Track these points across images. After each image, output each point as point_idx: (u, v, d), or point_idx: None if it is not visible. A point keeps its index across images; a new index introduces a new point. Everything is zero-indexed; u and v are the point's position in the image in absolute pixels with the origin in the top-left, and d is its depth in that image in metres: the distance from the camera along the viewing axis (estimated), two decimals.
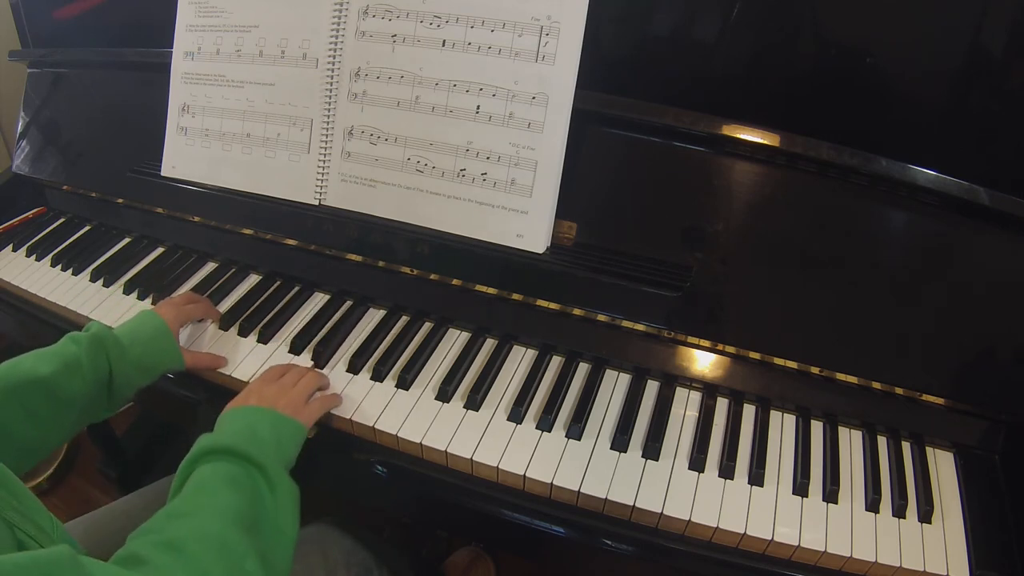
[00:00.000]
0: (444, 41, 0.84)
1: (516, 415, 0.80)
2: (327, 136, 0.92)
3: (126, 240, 1.13)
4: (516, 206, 0.84)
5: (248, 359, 0.88)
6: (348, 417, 0.80)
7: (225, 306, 0.97)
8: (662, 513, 0.71)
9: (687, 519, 0.71)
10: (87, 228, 1.17)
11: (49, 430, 0.71)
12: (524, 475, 0.74)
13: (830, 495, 0.73)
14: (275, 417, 0.71)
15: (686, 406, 0.83)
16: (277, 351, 0.89)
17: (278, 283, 1.00)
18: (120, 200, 1.13)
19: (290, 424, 0.72)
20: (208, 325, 0.94)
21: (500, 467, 0.75)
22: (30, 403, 0.69)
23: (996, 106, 0.79)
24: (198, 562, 0.54)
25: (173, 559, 0.53)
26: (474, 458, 0.75)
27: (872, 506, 0.73)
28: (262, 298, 0.97)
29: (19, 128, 1.23)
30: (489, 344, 0.90)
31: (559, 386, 0.83)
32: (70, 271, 1.06)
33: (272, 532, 0.62)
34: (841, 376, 0.81)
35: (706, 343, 0.83)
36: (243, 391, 0.77)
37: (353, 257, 0.95)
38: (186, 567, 0.53)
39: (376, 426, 0.79)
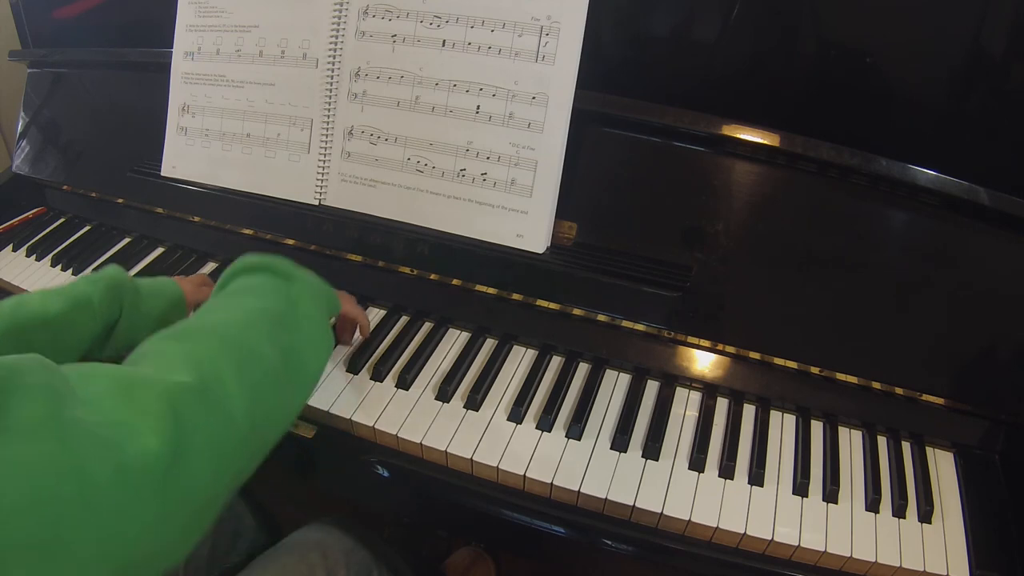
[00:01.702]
0: (444, 41, 0.84)
1: (516, 415, 0.80)
2: (327, 136, 0.92)
3: (126, 240, 1.13)
4: (516, 206, 0.84)
5: None
6: (348, 417, 0.80)
7: None
8: (662, 513, 0.71)
9: (687, 519, 0.71)
10: (87, 228, 1.17)
11: None
12: (524, 475, 0.74)
13: (830, 495, 0.73)
14: (311, 274, 0.70)
15: (686, 406, 0.83)
16: None
17: None
18: (120, 200, 1.13)
19: (325, 286, 0.71)
20: None
21: (500, 467, 0.75)
22: (30, 342, 0.65)
23: (996, 106, 0.79)
24: (195, 344, 0.51)
25: (171, 345, 0.50)
26: (474, 458, 0.75)
27: (872, 506, 0.73)
28: None
29: (19, 128, 1.23)
30: (489, 344, 0.90)
31: (559, 386, 0.83)
32: (70, 271, 1.06)
33: (299, 332, 0.60)
34: (841, 376, 0.81)
35: (706, 343, 0.83)
36: None
37: (353, 257, 0.95)
38: (182, 349, 0.50)
39: (376, 426, 0.79)
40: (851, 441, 0.80)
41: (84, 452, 0.38)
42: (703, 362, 0.84)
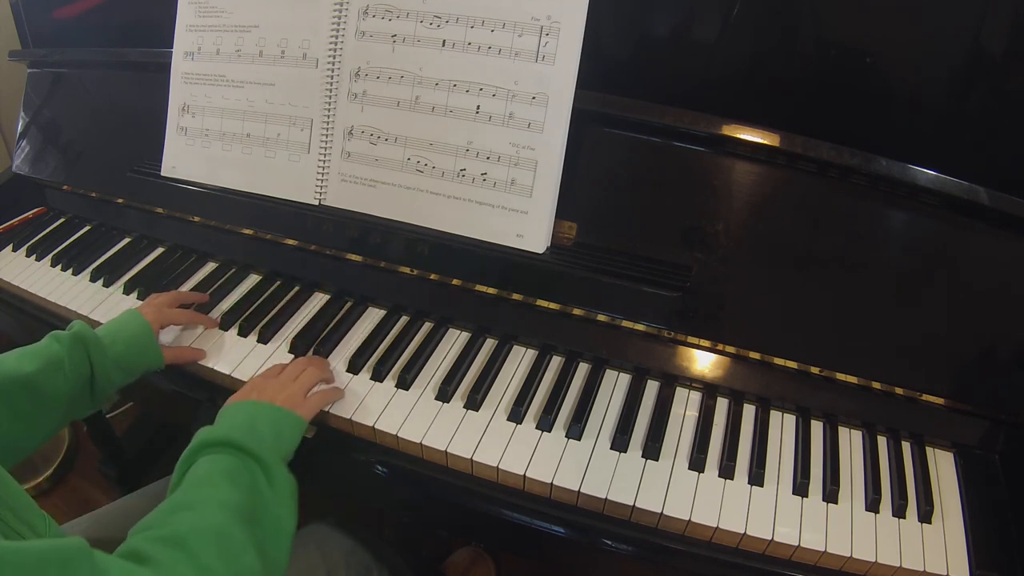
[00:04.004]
0: (444, 41, 0.84)
1: (516, 415, 0.80)
2: (327, 136, 0.92)
3: (126, 240, 1.13)
4: (516, 206, 0.84)
5: (248, 359, 0.88)
6: (348, 417, 0.80)
7: (225, 306, 0.97)
8: (662, 513, 0.71)
9: (687, 519, 0.70)
10: (87, 228, 1.17)
11: (33, 427, 0.71)
12: (524, 475, 0.74)
13: (830, 495, 0.73)
14: (274, 411, 0.72)
15: (686, 406, 0.83)
16: (277, 351, 0.89)
17: (278, 283, 1.00)
18: (120, 200, 1.13)
19: (289, 417, 0.72)
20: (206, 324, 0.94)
21: (500, 467, 0.75)
22: (14, 401, 0.69)
23: (996, 106, 0.79)
24: (199, 557, 0.54)
25: (175, 555, 0.54)
26: (474, 458, 0.75)
27: (872, 506, 0.73)
28: (262, 298, 0.97)
29: (19, 128, 1.23)
30: (489, 344, 0.90)
31: (559, 386, 0.83)
32: (70, 271, 1.06)
33: (270, 524, 0.62)
34: (841, 376, 0.81)
35: (706, 343, 0.83)
36: (244, 386, 0.77)
37: (353, 257, 0.95)
38: (189, 562, 0.54)
39: (376, 426, 0.79)
40: (851, 441, 0.80)
41: None
42: (703, 362, 0.84)
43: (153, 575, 0.51)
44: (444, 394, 0.82)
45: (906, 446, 0.80)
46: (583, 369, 0.87)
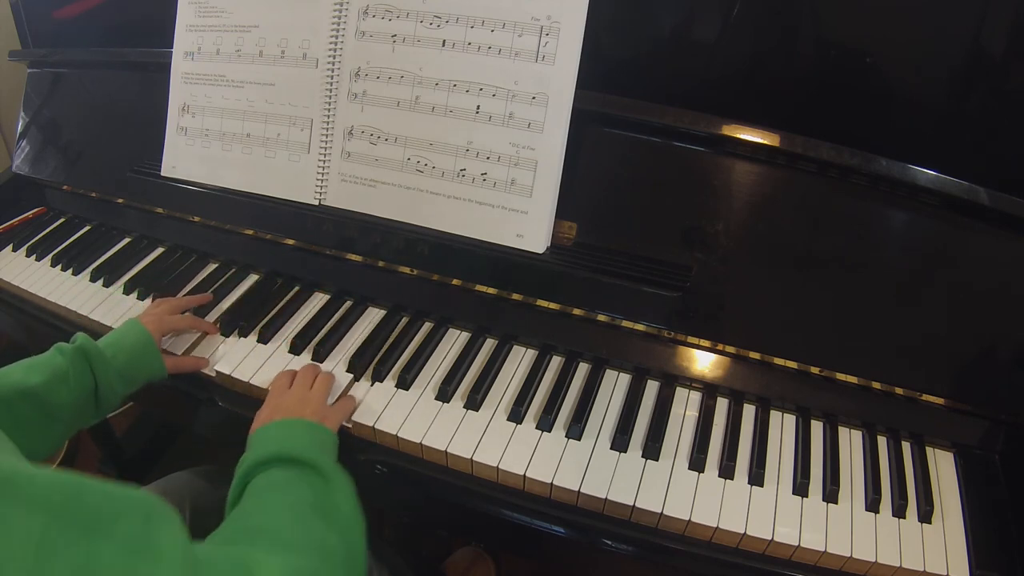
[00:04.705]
0: (444, 41, 0.84)
1: (516, 415, 0.80)
2: (327, 136, 0.92)
3: (126, 240, 1.13)
4: (516, 206, 0.84)
5: (248, 359, 0.88)
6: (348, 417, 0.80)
7: (225, 306, 0.97)
8: (662, 513, 0.71)
9: (687, 519, 0.71)
10: (87, 228, 1.17)
11: (39, 439, 0.71)
12: (524, 475, 0.74)
13: (830, 495, 0.73)
14: (306, 424, 0.71)
15: (686, 406, 0.83)
16: (277, 351, 0.89)
17: (278, 283, 1.00)
18: (120, 200, 1.13)
19: (322, 430, 0.72)
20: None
21: (500, 467, 0.75)
22: (20, 413, 0.69)
23: (996, 106, 0.79)
24: (282, 535, 0.53)
25: (257, 541, 0.53)
26: (474, 458, 0.75)
27: (872, 506, 0.73)
28: (262, 298, 0.97)
29: (19, 128, 1.23)
30: (489, 344, 0.90)
31: (559, 386, 0.83)
32: (70, 271, 1.06)
33: (341, 518, 0.61)
34: (841, 376, 0.81)
35: (706, 343, 0.83)
36: (262, 410, 0.76)
37: (353, 257, 0.95)
38: (270, 542, 0.53)
39: (376, 426, 0.79)
40: (851, 441, 0.80)
41: None
42: (703, 362, 0.84)
43: (248, 555, 0.49)
44: (444, 394, 0.82)
45: (906, 446, 0.80)
46: (583, 369, 0.87)
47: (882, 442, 0.80)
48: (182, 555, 0.41)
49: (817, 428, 0.81)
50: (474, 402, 0.81)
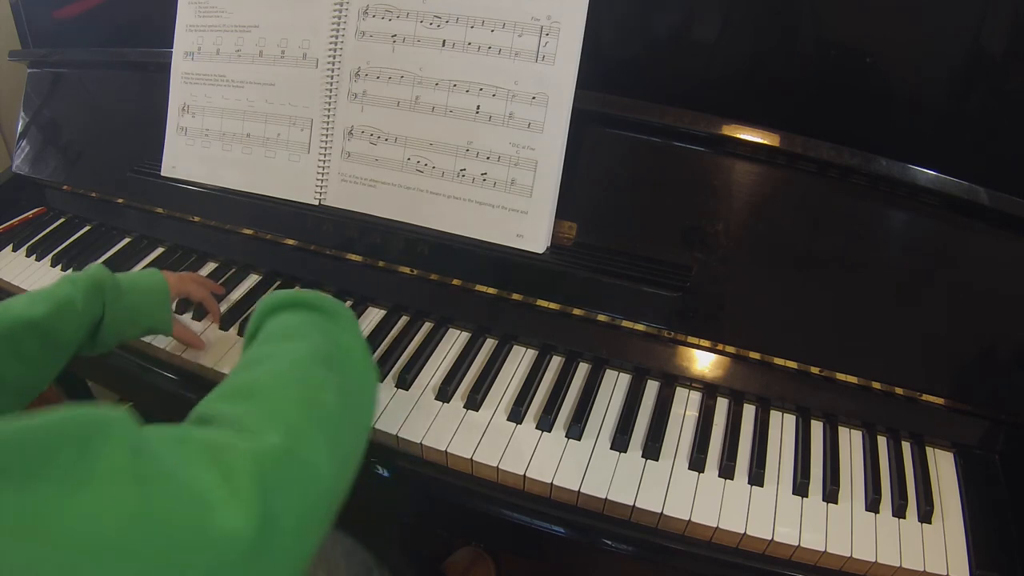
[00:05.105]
0: (444, 41, 0.84)
1: (516, 415, 0.80)
2: (327, 136, 0.92)
3: (126, 240, 1.13)
4: (516, 206, 0.84)
5: None
6: None
7: (225, 306, 0.97)
8: (662, 513, 0.71)
9: (687, 519, 0.71)
10: (87, 228, 1.17)
11: (41, 371, 0.69)
12: (524, 475, 0.74)
13: (830, 495, 0.73)
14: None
15: (686, 406, 0.83)
16: None
17: (278, 283, 1.00)
18: (120, 200, 1.13)
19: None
20: (208, 325, 0.94)
21: (500, 467, 0.75)
22: (21, 346, 0.67)
23: (996, 106, 0.79)
24: (269, 402, 0.50)
25: (242, 407, 0.49)
26: (474, 458, 0.75)
27: (872, 506, 0.73)
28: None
29: (19, 128, 1.23)
30: (489, 344, 0.90)
31: (559, 386, 0.83)
32: (70, 271, 1.06)
33: (349, 368, 0.59)
34: (841, 376, 0.81)
35: (706, 343, 0.83)
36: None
37: (353, 257, 0.95)
38: (257, 409, 0.49)
39: (376, 426, 0.79)
40: (851, 441, 0.80)
41: (169, 507, 0.38)
42: (703, 362, 0.84)
43: (213, 434, 0.45)
44: (444, 394, 0.82)
45: (906, 446, 0.80)
46: (583, 369, 0.87)
47: (882, 442, 0.80)
48: (127, 473, 0.37)
49: (817, 428, 0.81)
50: (474, 402, 0.81)
